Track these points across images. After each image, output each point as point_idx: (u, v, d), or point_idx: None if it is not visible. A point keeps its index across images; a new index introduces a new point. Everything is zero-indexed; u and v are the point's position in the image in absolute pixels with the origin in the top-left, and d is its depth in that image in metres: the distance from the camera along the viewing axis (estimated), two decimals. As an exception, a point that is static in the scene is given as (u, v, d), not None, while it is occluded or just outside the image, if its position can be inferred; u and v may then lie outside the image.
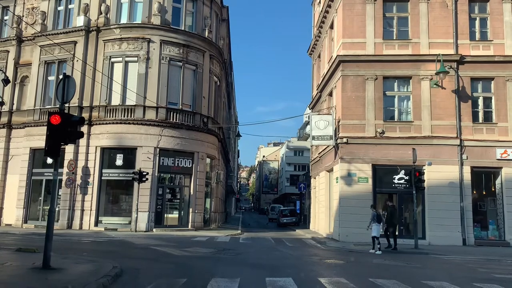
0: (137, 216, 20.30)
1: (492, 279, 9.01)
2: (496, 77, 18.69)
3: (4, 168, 23.59)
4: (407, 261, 12.09)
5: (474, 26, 19.34)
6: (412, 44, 19.07)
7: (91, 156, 21.45)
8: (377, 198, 18.71)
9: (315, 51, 27.75)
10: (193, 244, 15.09)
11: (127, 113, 21.47)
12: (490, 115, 18.81)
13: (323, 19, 23.93)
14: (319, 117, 20.38)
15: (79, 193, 21.20)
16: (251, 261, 11.29)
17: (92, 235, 17.76)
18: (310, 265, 11.35)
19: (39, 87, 23.11)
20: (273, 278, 8.05)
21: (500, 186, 18.32)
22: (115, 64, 22.16)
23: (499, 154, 18.08)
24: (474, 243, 17.57)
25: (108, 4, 22.68)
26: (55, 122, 8.02)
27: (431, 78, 18.55)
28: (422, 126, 18.42)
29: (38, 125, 21.83)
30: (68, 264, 8.51)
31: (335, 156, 19.56)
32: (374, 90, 18.69)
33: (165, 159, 21.72)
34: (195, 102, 22.99)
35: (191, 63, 22.97)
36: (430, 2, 19.08)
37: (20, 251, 10.41)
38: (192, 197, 22.20)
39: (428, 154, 17.75)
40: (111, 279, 7.19)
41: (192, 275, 8.39)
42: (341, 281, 7.95)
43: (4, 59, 24.47)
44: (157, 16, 22.08)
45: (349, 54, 19.03)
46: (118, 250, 12.67)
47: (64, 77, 8.82)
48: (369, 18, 19.12)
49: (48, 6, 23.90)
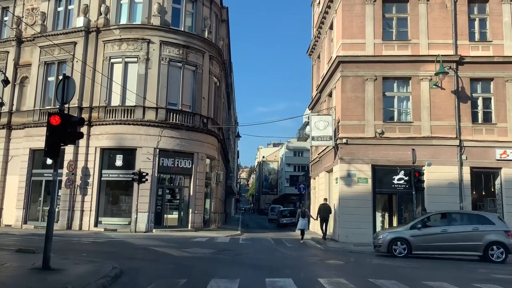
0: (136, 216, 20.29)
1: (492, 280, 9.01)
2: (495, 78, 18.71)
3: (4, 168, 23.58)
4: (407, 262, 12.08)
5: (474, 26, 19.36)
6: (411, 44, 19.09)
7: (91, 156, 21.44)
8: (377, 198, 18.76)
9: (315, 51, 27.77)
10: (192, 244, 15.09)
11: (127, 114, 21.47)
12: (489, 115, 18.82)
13: (322, 19, 23.95)
14: (318, 117, 20.38)
15: (79, 193, 21.20)
16: (251, 262, 11.29)
17: (92, 236, 17.75)
18: (310, 265, 11.36)
19: (38, 88, 23.11)
20: (273, 278, 8.05)
21: (499, 186, 18.33)
22: (114, 65, 22.17)
23: (499, 155, 18.09)
24: (473, 244, 17.54)
25: (108, 5, 22.70)
26: (55, 122, 8.02)
27: (430, 79, 18.56)
28: (421, 127, 18.43)
29: (37, 126, 21.82)
30: (68, 264, 8.50)
31: (335, 157, 19.57)
32: (373, 91, 18.70)
33: (164, 160, 21.72)
34: (194, 102, 23.01)
35: (191, 64, 22.99)
36: (430, 3, 19.11)
37: (20, 252, 10.40)
38: (192, 198, 22.20)
39: (427, 155, 17.76)
40: (111, 280, 7.19)
41: (192, 276, 8.39)
42: (341, 282, 7.95)
43: (4, 59, 24.47)
44: (156, 17, 22.09)
45: (349, 55, 19.04)
46: (117, 251, 12.66)
47: (64, 78, 8.82)
48: (369, 19, 19.14)
49: (48, 7, 23.90)
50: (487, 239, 12.66)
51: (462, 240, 12.73)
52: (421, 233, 13.13)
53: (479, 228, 12.88)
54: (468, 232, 12.79)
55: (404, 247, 13.20)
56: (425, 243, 13.02)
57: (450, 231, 12.99)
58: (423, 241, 13.02)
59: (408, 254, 13.07)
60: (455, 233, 12.92)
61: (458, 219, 13.92)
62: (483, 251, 12.69)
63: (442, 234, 13.00)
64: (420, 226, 13.35)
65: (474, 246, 12.63)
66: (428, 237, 13.05)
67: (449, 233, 12.95)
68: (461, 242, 12.73)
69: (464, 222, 13.61)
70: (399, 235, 13.41)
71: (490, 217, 13.41)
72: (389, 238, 13.48)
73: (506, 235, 12.63)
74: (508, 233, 12.68)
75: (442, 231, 13.07)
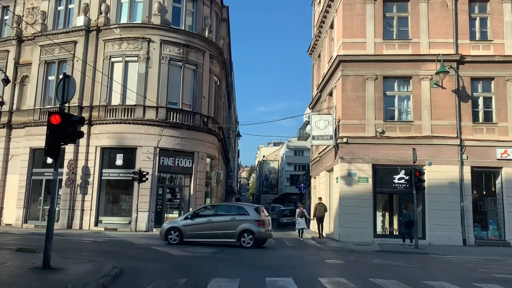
0: (137, 216, 20.30)
1: (492, 279, 9.01)
2: (496, 77, 18.68)
3: (4, 168, 23.60)
4: (407, 261, 12.09)
5: (474, 26, 19.33)
6: (412, 44, 19.07)
7: (91, 156, 21.45)
8: (377, 198, 18.75)
9: (315, 51, 27.75)
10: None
11: (127, 113, 21.47)
12: (490, 115, 18.80)
13: (323, 19, 23.93)
14: (319, 117, 20.37)
15: (79, 193, 21.21)
16: (251, 261, 11.29)
17: (92, 235, 17.76)
18: (310, 265, 11.35)
19: (39, 87, 23.11)
20: (273, 278, 8.05)
21: (500, 186, 18.31)
22: (115, 64, 22.16)
23: (499, 154, 18.07)
24: (474, 243, 17.56)
25: (108, 4, 22.69)
26: (55, 122, 8.01)
27: (431, 78, 18.54)
28: (422, 126, 18.41)
29: (38, 125, 21.82)
30: (68, 264, 8.51)
31: (335, 156, 19.56)
32: (374, 90, 18.68)
33: (165, 159, 21.72)
34: (195, 102, 22.99)
35: (191, 63, 22.97)
36: (430, 2, 19.07)
37: (20, 251, 10.41)
38: (192, 197, 22.19)
39: (428, 154, 17.74)
40: (111, 279, 7.19)
41: (192, 275, 8.39)
42: (341, 281, 7.95)
43: (4, 59, 24.48)
44: (157, 16, 22.07)
45: (349, 54, 19.02)
46: (118, 250, 12.67)
47: (64, 77, 8.81)
48: (369, 18, 19.11)
49: (48, 6, 23.90)
50: (240, 228, 14.25)
51: (222, 229, 14.32)
52: (192, 222, 14.68)
53: (236, 218, 14.39)
54: (227, 222, 14.39)
55: (177, 235, 14.62)
56: (194, 232, 14.54)
57: (213, 220, 14.57)
58: (192, 230, 14.57)
59: (180, 242, 14.43)
60: (217, 222, 14.47)
61: (222, 210, 15.51)
62: (237, 238, 14.13)
63: (207, 224, 14.52)
64: (191, 216, 15.03)
65: (231, 234, 14.12)
66: (196, 226, 14.59)
67: (212, 223, 14.51)
68: (221, 230, 14.32)
69: (226, 212, 15.09)
70: (174, 225, 15.00)
71: (247, 208, 15.16)
72: (166, 228, 15.02)
73: (256, 224, 14.21)
74: (258, 222, 14.25)
75: (207, 221, 14.58)
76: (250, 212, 14.67)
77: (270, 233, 15.26)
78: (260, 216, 14.54)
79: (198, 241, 14.51)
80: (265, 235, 14.66)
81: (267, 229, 14.83)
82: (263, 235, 14.51)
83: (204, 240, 14.56)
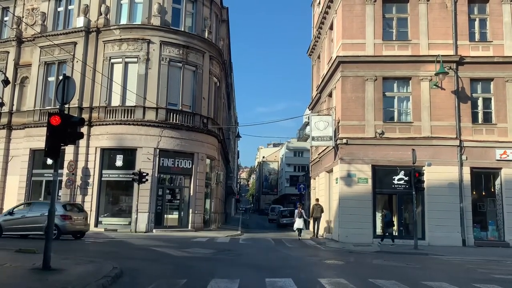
0: (137, 216, 20.31)
1: (491, 280, 9.02)
2: (495, 78, 18.70)
3: (4, 169, 23.61)
4: (406, 262, 12.09)
5: (474, 27, 19.36)
6: (411, 45, 19.09)
7: (91, 157, 21.47)
8: (377, 198, 18.76)
9: (315, 52, 27.77)
10: (193, 244, 15.10)
11: (127, 114, 21.48)
12: (489, 115, 18.81)
13: (322, 20, 23.96)
14: (318, 117, 20.38)
15: (79, 193, 21.22)
16: (251, 262, 11.30)
17: (92, 236, 17.76)
18: (310, 265, 11.36)
19: (39, 88, 23.13)
20: (273, 278, 8.06)
21: (499, 186, 18.31)
22: (115, 65, 22.19)
23: (499, 155, 18.07)
24: (473, 244, 17.56)
25: (108, 5, 22.72)
26: (55, 123, 8.03)
27: (430, 79, 18.56)
28: (421, 127, 18.43)
29: (38, 126, 21.84)
30: (68, 264, 8.51)
31: (335, 157, 19.57)
32: (373, 91, 18.70)
33: (165, 160, 21.73)
34: (195, 103, 23.02)
35: (191, 64, 23.00)
36: (430, 3, 19.11)
37: (20, 252, 10.42)
38: (192, 198, 22.21)
39: (427, 155, 17.75)
40: (111, 280, 7.20)
41: (192, 276, 8.39)
42: (341, 282, 7.96)
43: (4, 60, 24.50)
44: (157, 17, 22.10)
45: (349, 55, 19.04)
46: (118, 251, 12.68)
47: (64, 78, 8.82)
48: (369, 19, 19.14)
49: (48, 7, 23.93)
50: None
51: (33, 223, 15.43)
52: (11, 218, 16.08)
53: (45, 213, 14.95)
54: (37, 217, 15.32)
55: None
56: (12, 226, 15.91)
57: (27, 216, 15.84)
58: (10, 224, 15.93)
59: (0, 235, 15.72)
60: (29, 217, 15.69)
61: (36, 207, 16.35)
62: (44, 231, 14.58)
63: (22, 219, 15.83)
64: (11, 212, 16.38)
65: (41, 228, 14.44)
66: (13, 221, 15.95)
67: (25, 218, 15.79)
68: (33, 224, 15.45)
69: (38, 209, 15.92)
70: None
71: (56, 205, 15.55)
72: None
73: (62, 218, 15.25)
74: (63, 217, 15.39)
75: (22, 216, 15.89)
76: (58, 208, 15.54)
77: (76, 227, 16.18)
78: (66, 212, 15.84)
79: (14, 234, 15.83)
80: (69, 227, 15.78)
81: (73, 223, 15.95)
82: (67, 228, 15.70)
83: (19, 233, 15.89)
